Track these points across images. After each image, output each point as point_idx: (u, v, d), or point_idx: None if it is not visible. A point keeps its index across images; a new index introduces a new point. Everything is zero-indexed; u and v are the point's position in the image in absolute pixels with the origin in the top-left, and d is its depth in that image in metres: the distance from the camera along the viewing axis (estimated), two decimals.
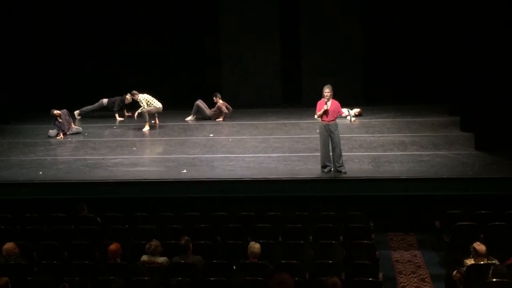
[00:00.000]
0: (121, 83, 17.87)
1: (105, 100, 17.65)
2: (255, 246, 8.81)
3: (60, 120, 15.85)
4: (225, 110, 17.06)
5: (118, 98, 17.53)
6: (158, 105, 16.39)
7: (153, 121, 16.51)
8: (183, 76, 18.64)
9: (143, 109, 16.24)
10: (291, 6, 18.50)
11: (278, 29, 18.56)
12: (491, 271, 8.04)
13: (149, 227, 10.52)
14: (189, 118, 17.25)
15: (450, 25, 15.63)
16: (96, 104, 17.74)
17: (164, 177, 12.68)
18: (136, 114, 16.65)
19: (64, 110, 16.08)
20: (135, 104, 16.73)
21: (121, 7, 18.60)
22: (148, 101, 16.28)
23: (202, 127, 16.61)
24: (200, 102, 17.23)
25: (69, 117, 16.21)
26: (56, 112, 15.82)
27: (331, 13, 18.29)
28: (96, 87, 18.31)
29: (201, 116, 17.23)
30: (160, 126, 16.62)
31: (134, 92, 16.55)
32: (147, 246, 8.99)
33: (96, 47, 18.60)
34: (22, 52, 18.09)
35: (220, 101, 17.14)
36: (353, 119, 16.38)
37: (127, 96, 17.29)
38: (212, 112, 17.15)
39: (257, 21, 18.45)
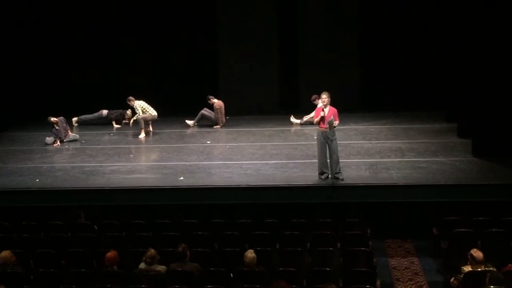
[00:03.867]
0: (118, 90, 17.86)
1: (104, 112, 17.68)
2: (247, 255, 8.80)
3: (57, 128, 15.85)
4: (218, 115, 17.02)
5: (118, 112, 17.58)
6: (154, 112, 16.43)
7: (147, 128, 16.52)
8: (180, 83, 18.64)
9: (139, 116, 16.29)
10: (288, 13, 18.53)
11: (276, 36, 18.59)
12: (487, 278, 8.03)
13: (146, 234, 10.50)
14: (190, 122, 17.24)
15: (447, 31, 15.66)
16: (96, 114, 17.75)
17: (161, 184, 12.66)
18: (131, 121, 16.77)
19: (61, 117, 16.08)
20: (132, 112, 16.79)
21: (120, 15, 18.59)
22: (143, 108, 16.32)
23: (199, 134, 16.60)
24: (205, 111, 17.21)
25: (66, 124, 16.21)
26: (53, 119, 15.83)
27: (329, 20, 18.31)
28: (93, 94, 18.30)
29: (210, 123, 17.19)
30: (157, 133, 16.62)
31: (130, 98, 16.57)
32: (143, 257, 8.95)
33: (94, 53, 18.58)
34: (19, 60, 18.07)
35: (215, 100, 17.14)
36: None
37: (127, 112, 17.37)
38: (216, 116, 17.12)
39: (254, 28, 18.47)
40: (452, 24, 15.02)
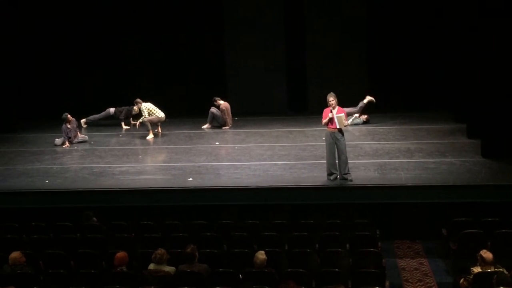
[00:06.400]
0: (126, 91, 17.88)
1: (111, 109, 17.72)
2: (258, 256, 8.79)
3: (69, 126, 15.86)
4: (225, 116, 17.04)
5: (125, 108, 17.61)
6: (161, 114, 16.46)
7: (156, 130, 16.55)
8: (188, 84, 18.67)
9: (144, 119, 16.36)
10: (296, 14, 18.53)
11: (284, 37, 18.59)
12: (494, 279, 7.99)
13: (155, 235, 10.52)
14: (205, 126, 17.25)
15: (456, 32, 15.61)
16: (103, 113, 17.80)
17: (170, 185, 12.68)
18: (138, 123, 16.87)
19: (73, 119, 16.12)
20: (141, 113, 16.82)
21: (127, 16, 18.63)
22: (150, 111, 16.36)
23: (207, 135, 16.62)
24: (213, 109, 17.22)
25: (77, 126, 16.27)
26: (69, 116, 15.81)
27: (337, 21, 18.31)
28: (102, 96, 18.34)
29: (217, 124, 17.21)
30: (166, 134, 16.64)
31: (138, 100, 16.65)
32: (153, 255, 8.98)
33: (102, 55, 18.62)
34: (27, 61, 18.13)
35: (221, 102, 17.15)
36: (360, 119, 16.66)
37: (134, 107, 17.37)
38: (223, 117, 17.12)
39: (262, 29, 18.48)
40: (461, 24, 14.98)
